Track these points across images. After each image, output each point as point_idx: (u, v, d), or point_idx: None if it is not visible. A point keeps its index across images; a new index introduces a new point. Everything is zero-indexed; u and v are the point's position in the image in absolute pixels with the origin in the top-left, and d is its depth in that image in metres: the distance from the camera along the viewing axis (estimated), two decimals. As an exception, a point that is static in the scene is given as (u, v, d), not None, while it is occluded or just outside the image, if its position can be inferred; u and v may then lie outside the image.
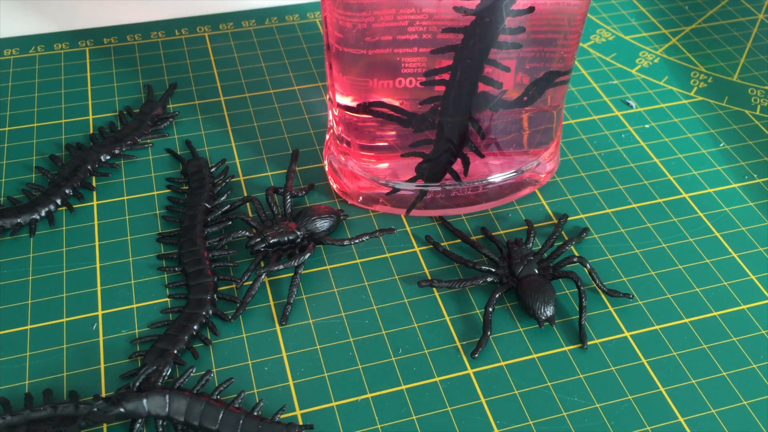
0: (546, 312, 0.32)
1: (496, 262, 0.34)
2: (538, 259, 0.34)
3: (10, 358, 0.32)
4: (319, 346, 0.32)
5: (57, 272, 0.35)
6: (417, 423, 0.30)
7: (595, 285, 0.34)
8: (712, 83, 0.45)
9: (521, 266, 0.34)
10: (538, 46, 0.32)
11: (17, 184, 0.38)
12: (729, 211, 0.38)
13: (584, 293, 0.33)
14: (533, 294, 0.33)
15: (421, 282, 0.33)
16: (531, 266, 0.34)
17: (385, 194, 0.36)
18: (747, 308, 0.34)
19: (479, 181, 0.36)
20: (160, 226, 0.37)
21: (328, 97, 0.36)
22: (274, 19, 0.49)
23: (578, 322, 0.33)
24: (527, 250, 0.35)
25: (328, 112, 0.37)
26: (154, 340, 0.32)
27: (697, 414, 0.30)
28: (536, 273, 0.34)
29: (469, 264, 0.34)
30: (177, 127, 0.41)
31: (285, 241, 0.35)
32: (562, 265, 0.34)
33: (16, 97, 0.43)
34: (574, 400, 0.31)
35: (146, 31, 0.47)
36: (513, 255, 0.34)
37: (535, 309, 0.32)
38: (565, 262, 0.34)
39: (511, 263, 0.34)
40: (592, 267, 0.34)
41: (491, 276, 0.34)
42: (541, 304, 0.32)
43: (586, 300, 0.33)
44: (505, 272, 0.34)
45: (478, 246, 0.35)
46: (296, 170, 0.39)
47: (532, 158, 0.36)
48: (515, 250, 0.34)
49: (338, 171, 0.37)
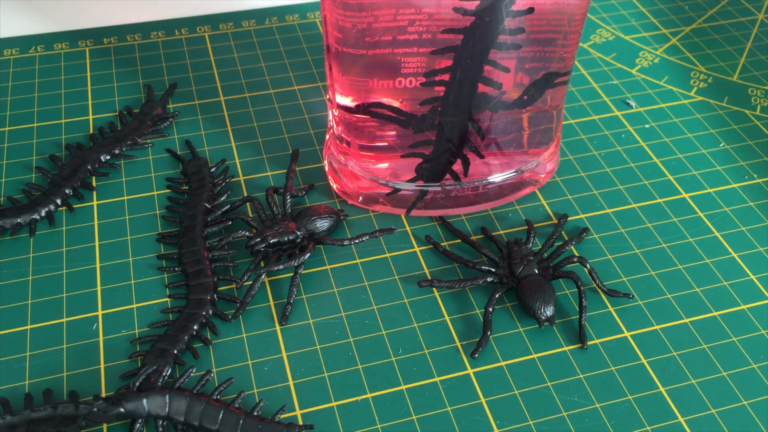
0: (546, 312, 0.32)
1: (496, 262, 0.34)
2: (538, 259, 0.34)
3: (10, 358, 0.32)
4: (319, 346, 0.32)
5: (57, 272, 0.35)
6: (417, 423, 0.30)
7: (595, 285, 0.34)
8: (712, 83, 0.45)
9: (521, 266, 0.34)
10: (537, 46, 0.32)
11: (17, 184, 0.38)
12: (729, 211, 0.38)
13: (584, 293, 0.33)
14: (533, 294, 0.33)
15: (421, 282, 0.33)
16: (531, 266, 0.34)
17: (385, 194, 0.36)
18: (747, 308, 0.34)
19: (479, 181, 0.36)
20: (160, 226, 0.37)
21: (327, 98, 0.36)
22: (274, 19, 0.49)
23: (578, 321, 0.33)
24: (527, 250, 0.35)
25: (328, 113, 0.37)
26: (154, 340, 0.32)
27: (697, 414, 0.30)
28: (536, 273, 0.34)
29: (469, 264, 0.34)
30: (177, 127, 0.41)
31: (285, 241, 0.35)
32: (562, 265, 0.34)
33: (16, 97, 0.43)
34: (574, 400, 0.31)
35: (146, 31, 0.47)
36: (513, 255, 0.34)
37: (535, 309, 0.32)
38: (565, 262, 0.34)
39: (511, 263, 0.34)
40: (592, 267, 0.34)
41: (491, 276, 0.34)
42: (541, 304, 0.32)
43: (586, 300, 0.33)
44: (505, 272, 0.34)
45: (478, 246, 0.35)
46: (296, 170, 0.39)
47: (532, 158, 0.36)
48: (515, 250, 0.34)
49: (338, 171, 0.37)
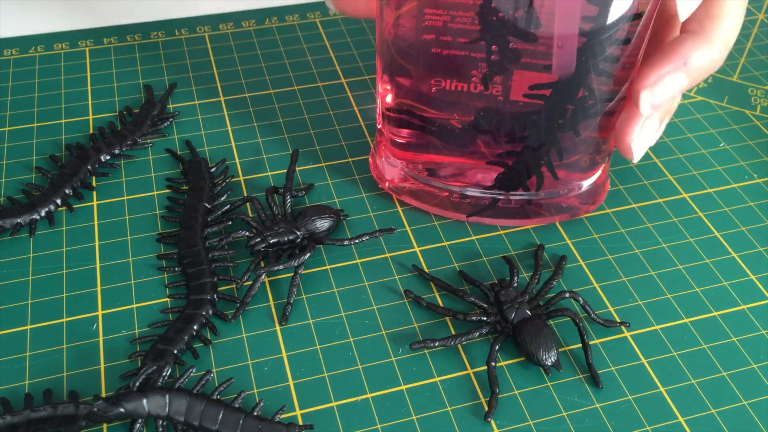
0: (551, 358, 0.31)
1: (486, 309, 0.33)
2: (528, 298, 0.33)
3: (10, 358, 0.32)
4: (319, 346, 0.32)
5: (57, 272, 0.35)
6: (417, 423, 0.30)
7: (590, 318, 0.33)
8: (712, 83, 0.45)
9: (513, 310, 0.32)
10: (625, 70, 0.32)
11: (17, 184, 0.38)
12: (729, 211, 0.38)
13: (584, 330, 0.32)
14: (534, 341, 0.31)
15: (413, 344, 0.31)
16: (523, 309, 0.32)
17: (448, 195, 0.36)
18: (747, 308, 0.34)
19: (531, 195, 0.35)
20: (160, 226, 0.37)
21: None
22: (274, 19, 0.49)
23: (585, 361, 0.32)
24: (515, 291, 0.33)
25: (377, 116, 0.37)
26: (154, 340, 0.32)
27: (697, 414, 0.30)
28: (530, 315, 0.32)
29: (459, 317, 0.32)
30: (177, 127, 0.41)
31: (285, 241, 0.35)
32: (553, 302, 0.33)
33: (16, 97, 0.43)
34: (574, 400, 0.31)
35: (146, 31, 0.47)
36: (501, 298, 0.33)
37: (539, 357, 0.31)
38: (556, 298, 0.33)
39: (501, 308, 0.33)
40: (585, 300, 0.33)
41: (485, 326, 0.32)
42: (544, 351, 0.31)
43: (588, 337, 0.32)
44: (498, 318, 0.32)
45: (463, 294, 0.33)
46: (296, 170, 0.39)
47: (582, 180, 0.35)
48: (503, 294, 0.33)
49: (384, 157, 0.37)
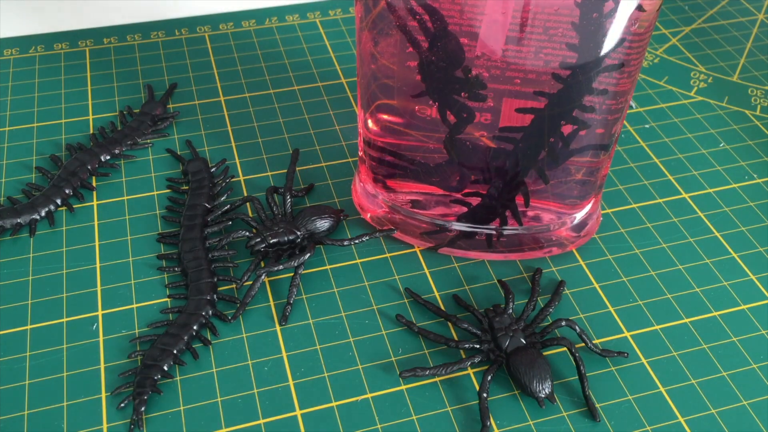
0: (544, 389, 0.30)
1: (479, 336, 0.32)
2: (523, 326, 0.32)
3: (10, 358, 0.32)
4: (319, 346, 0.32)
5: (57, 272, 0.35)
6: (417, 423, 0.30)
7: (588, 347, 0.32)
8: (712, 83, 0.45)
9: (507, 339, 0.31)
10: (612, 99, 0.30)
11: (17, 184, 0.38)
12: (729, 211, 0.38)
13: (581, 360, 0.31)
14: (528, 371, 0.30)
15: (403, 373, 0.31)
16: (517, 337, 0.31)
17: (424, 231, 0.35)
18: (747, 308, 0.34)
19: (511, 230, 0.34)
20: (160, 226, 0.37)
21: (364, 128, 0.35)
22: (274, 19, 0.49)
23: (582, 393, 0.31)
24: (509, 318, 0.32)
25: (360, 140, 0.35)
26: (153, 339, 0.32)
27: (697, 414, 0.30)
28: (524, 344, 0.31)
29: (451, 344, 0.31)
30: (177, 127, 0.41)
31: (285, 241, 0.35)
32: (549, 330, 0.32)
33: (16, 97, 0.43)
34: (574, 400, 0.31)
35: (146, 31, 0.47)
36: (495, 325, 0.32)
37: (533, 389, 0.30)
38: (552, 326, 0.32)
39: (495, 336, 0.32)
40: (582, 329, 0.32)
41: (478, 355, 0.31)
42: (538, 382, 0.30)
43: (584, 367, 0.31)
44: (491, 346, 0.31)
45: (456, 321, 0.32)
46: (296, 170, 0.39)
47: (568, 214, 0.34)
48: (497, 321, 0.32)
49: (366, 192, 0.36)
